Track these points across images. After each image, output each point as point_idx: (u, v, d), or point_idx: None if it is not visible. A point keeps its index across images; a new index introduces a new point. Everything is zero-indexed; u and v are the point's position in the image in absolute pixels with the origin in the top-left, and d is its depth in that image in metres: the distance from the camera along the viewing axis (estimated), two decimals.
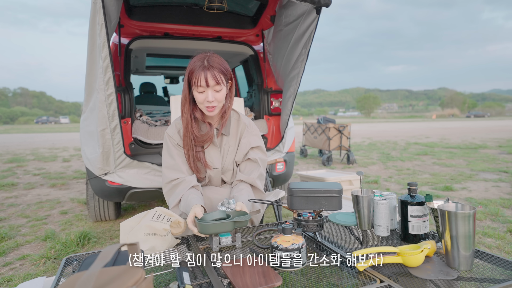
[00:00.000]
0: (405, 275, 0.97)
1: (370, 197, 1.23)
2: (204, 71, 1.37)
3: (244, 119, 1.61)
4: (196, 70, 1.38)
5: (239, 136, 1.59)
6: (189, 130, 1.48)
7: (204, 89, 1.39)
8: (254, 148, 1.59)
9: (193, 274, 1.00)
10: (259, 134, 1.64)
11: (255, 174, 1.54)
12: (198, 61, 1.39)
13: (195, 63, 1.40)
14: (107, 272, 0.68)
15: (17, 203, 3.78)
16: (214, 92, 1.40)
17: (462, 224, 0.97)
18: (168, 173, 1.52)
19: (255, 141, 1.59)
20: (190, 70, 1.41)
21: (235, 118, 1.60)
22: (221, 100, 1.43)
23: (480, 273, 0.97)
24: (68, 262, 1.09)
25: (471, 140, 11.19)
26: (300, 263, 1.02)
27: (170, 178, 1.51)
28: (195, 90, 1.41)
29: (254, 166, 1.56)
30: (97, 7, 1.78)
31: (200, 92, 1.40)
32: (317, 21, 2.27)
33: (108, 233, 2.70)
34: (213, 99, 1.39)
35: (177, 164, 1.52)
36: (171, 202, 1.52)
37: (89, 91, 2.22)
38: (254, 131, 1.61)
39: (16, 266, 2.15)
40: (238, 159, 1.59)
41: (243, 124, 1.59)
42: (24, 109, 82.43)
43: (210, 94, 1.39)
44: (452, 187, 4.10)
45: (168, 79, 5.35)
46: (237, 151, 1.58)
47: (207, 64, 1.38)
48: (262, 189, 1.59)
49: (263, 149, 1.62)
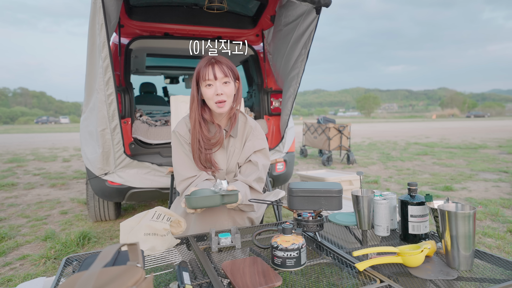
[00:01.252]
0: (405, 275, 0.96)
1: (370, 197, 1.23)
2: (211, 65, 1.39)
3: (251, 122, 1.61)
4: (203, 67, 1.40)
5: (245, 139, 1.59)
6: (197, 131, 1.48)
7: (212, 82, 1.40)
8: (257, 151, 1.58)
9: (193, 274, 1.00)
10: (265, 138, 1.64)
11: (252, 177, 1.53)
12: (205, 60, 1.42)
13: (202, 62, 1.42)
14: (107, 272, 0.68)
15: (17, 203, 3.78)
16: (222, 85, 1.41)
17: (462, 224, 0.97)
18: (184, 170, 1.52)
19: (259, 144, 1.59)
20: (198, 69, 1.43)
21: (242, 120, 1.60)
22: (230, 94, 1.43)
23: (480, 273, 0.97)
24: (68, 262, 1.09)
25: (471, 140, 11.20)
26: (300, 263, 1.02)
27: (187, 175, 1.51)
28: (203, 87, 1.41)
29: (253, 169, 1.56)
30: (97, 7, 1.78)
31: (208, 87, 1.40)
32: (317, 21, 2.27)
33: (108, 233, 2.70)
34: (222, 92, 1.40)
35: (192, 162, 1.53)
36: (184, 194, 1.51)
37: (89, 91, 2.22)
38: (260, 134, 1.61)
39: (16, 266, 2.14)
40: (241, 161, 1.59)
41: (249, 127, 1.59)
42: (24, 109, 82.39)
43: (219, 86, 1.39)
44: (452, 187, 4.10)
45: (168, 79, 5.35)
46: (241, 154, 1.58)
47: (213, 60, 1.40)
48: (260, 191, 1.59)
49: (266, 153, 1.61)
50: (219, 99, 1.41)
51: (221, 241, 1.20)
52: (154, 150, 2.69)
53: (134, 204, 3.59)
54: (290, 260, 1.01)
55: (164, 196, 2.66)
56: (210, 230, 1.24)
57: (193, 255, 1.15)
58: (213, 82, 1.40)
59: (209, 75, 1.38)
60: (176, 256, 1.14)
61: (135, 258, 0.74)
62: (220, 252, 1.18)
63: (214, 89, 1.40)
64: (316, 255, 1.13)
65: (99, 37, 1.87)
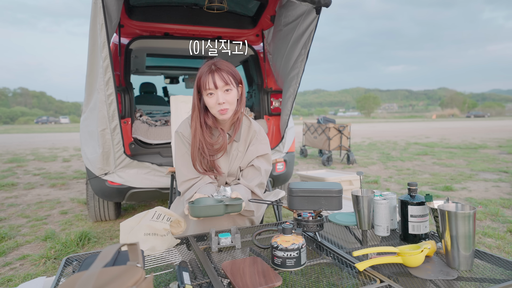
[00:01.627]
0: (405, 275, 0.96)
1: (370, 197, 1.23)
2: (211, 73, 1.37)
3: (255, 126, 1.59)
4: (204, 75, 1.38)
5: (248, 143, 1.57)
6: (197, 139, 1.46)
7: (213, 91, 1.38)
8: (260, 156, 1.58)
9: (193, 274, 1.00)
10: (268, 143, 1.63)
11: (255, 182, 1.53)
12: (205, 67, 1.40)
13: (203, 68, 1.40)
14: (107, 272, 0.68)
15: (17, 203, 3.77)
16: (224, 94, 1.39)
17: (462, 224, 0.97)
18: (187, 171, 1.51)
19: (263, 149, 1.58)
20: (198, 76, 1.41)
21: (246, 124, 1.58)
22: (232, 102, 1.41)
23: (480, 273, 0.97)
24: (68, 262, 1.09)
25: (471, 140, 11.20)
26: (300, 263, 1.02)
27: (190, 176, 1.51)
28: (205, 95, 1.40)
29: (256, 174, 1.55)
30: (97, 7, 1.78)
31: (209, 96, 1.39)
32: (316, 21, 2.27)
33: (108, 233, 2.70)
34: (224, 101, 1.38)
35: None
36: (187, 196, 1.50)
37: (89, 91, 2.22)
38: (263, 139, 1.60)
39: (16, 266, 2.14)
40: (243, 165, 1.58)
41: (253, 132, 1.58)
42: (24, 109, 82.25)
43: (220, 95, 1.38)
44: (452, 187, 4.10)
45: (168, 79, 5.35)
46: (244, 158, 1.57)
47: (214, 67, 1.38)
48: (261, 196, 1.58)
49: (268, 158, 1.61)
50: (221, 108, 1.39)
51: (221, 241, 1.20)
52: (154, 150, 2.69)
53: (134, 204, 3.58)
54: (290, 260, 1.01)
55: (164, 196, 2.66)
56: (210, 230, 1.24)
57: (193, 255, 1.15)
58: (214, 91, 1.38)
59: (209, 84, 1.37)
60: (176, 256, 1.14)
61: (135, 258, 0.74)
62: (220, 252, 1.18)
63: (215, 98, 1.39)
64: (316, 255, 1.13)
65: (99, 37, 1.87)
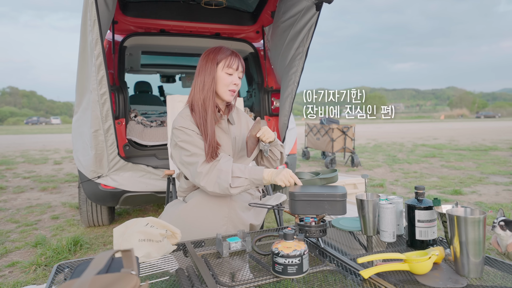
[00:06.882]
0: (412, 283, 0.95)
1: (375, 202, 1.21)
2: (236, 56, 1.52)
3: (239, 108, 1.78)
4: (230, 55, 1.50)
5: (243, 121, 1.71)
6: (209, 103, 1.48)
7: (233, 72, 1.52)
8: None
9: (190, 281, 0.97)
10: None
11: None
12: (226, 49, 1.52)
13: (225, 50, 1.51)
14: (100, 280, 0.68)
15: (6, 207, 3.71)
16: (238, 78, 1.54)
17: (471, 229, 0.95)
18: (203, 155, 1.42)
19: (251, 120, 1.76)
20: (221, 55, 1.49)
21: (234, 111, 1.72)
22: (239, 87, 1.57)
23: (490, 281, 0.96)
24: (59, 269, 1.06)
25: (481, 141, 11.13)
26: (302, 270, 1.00)
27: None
28: (225, 72, 1.50)
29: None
30: (89, 2, 1.73)
31: (229, 74, 1.51)
32: (316, 18, 2.24)
33: (101, 239, 2.66)
34: (237, 82, 1.54)
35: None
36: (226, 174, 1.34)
37: (81, 91, 2.18)
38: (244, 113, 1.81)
39: (5, 274, 2.10)
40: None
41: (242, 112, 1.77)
42: (13, 109, 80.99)
43: (236, 77, 1.53)
44: (461, 190, 4.03)
45: (164, 78, 5.30)
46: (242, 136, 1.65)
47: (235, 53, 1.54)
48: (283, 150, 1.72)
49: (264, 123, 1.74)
50: (234, 88, 1.53)
51: (232, 246, 1.18)
52: (150, 152, 2.65)
53: (129, 209, 3.54)
54: (292, 267, 0.98)
55: (160, 200, 2.63)
56: (216, 235, 1.22)
57: (190, 262, 1.12)
58: (234, 72, 1.52)
59: (234, 64, 1.50)
60: (172, 263, 1.11)
61: (130, 265, 0.73)
62: (218, 258, 1.15)
63: (232, 78, 1.52)
64: (319, 262, 1.11)
65: (91, 33, 1.82)
